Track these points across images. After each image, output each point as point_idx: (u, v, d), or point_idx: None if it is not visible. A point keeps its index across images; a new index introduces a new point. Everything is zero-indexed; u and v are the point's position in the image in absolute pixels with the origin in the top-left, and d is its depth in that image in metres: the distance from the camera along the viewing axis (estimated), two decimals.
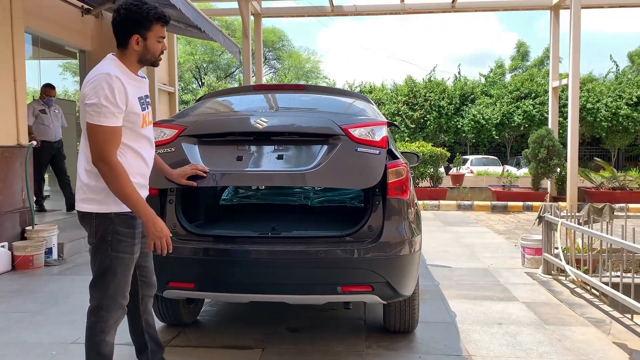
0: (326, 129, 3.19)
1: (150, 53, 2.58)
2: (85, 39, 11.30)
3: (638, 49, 38.13)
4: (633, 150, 24.91)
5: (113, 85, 2.39)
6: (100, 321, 2.56)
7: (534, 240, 6.07)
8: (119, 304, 2.59)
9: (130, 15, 2.49)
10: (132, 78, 2.55)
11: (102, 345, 2.57)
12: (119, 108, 2.41)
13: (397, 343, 3.65)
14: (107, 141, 2.40)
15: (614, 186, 13.16)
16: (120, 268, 2.54)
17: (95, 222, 2.52)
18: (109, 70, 2.45)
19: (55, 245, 6.31)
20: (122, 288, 2.58)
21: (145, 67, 2.69)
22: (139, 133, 2.57)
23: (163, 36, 2.61)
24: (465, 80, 25.65)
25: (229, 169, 3.19)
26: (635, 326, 4.02)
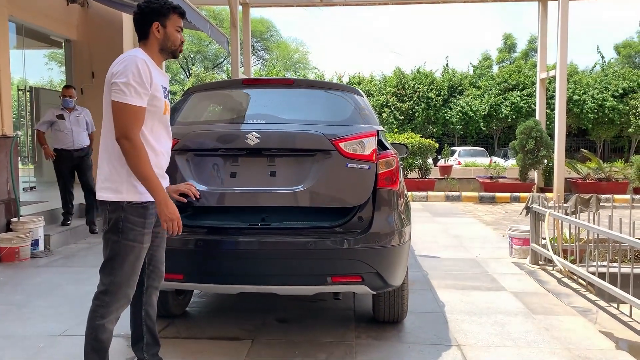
0: (317, 143, 3.19)
1: (170, 41, 2.69)
2: (71, 28, 11.14)
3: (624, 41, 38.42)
4: (618, 141, 25.16)
5: (140, 67, 2.50)
6: (102, 305, 2.59)
7: (521, 230, 6.11)
8: (124, 292, 2.61)
9: (150, 6, 2.65)
10: (153, 67, 2.65)
11: (101, 331, 2.59)
12: (145, 89, 2.51)
13: (386, 333, 3.66)
14: (133, 120, 2.49)
15: (600, 177, 13.30)
16: (129, 256, 2.59)
17: (109, 210, 2.58)
18: (137, 54, 2.57)
19: (41, 237, 6.24)
20: (129, 276, 2.61)
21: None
22: (160, 120, 2.66)
23: (181, 26, 2.73)
24: (453, 72, 25.69)
25: (222, 187, 3.23)
26: (621, 315, 4.07)
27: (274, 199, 3.20)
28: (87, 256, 6.14)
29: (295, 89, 3.94)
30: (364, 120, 3.55)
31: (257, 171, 3.26)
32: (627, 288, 3.94)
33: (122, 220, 2.56)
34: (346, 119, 3.60)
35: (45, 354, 3.33)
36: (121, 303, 2.63)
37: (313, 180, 3.17)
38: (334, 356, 3.27)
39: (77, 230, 7.07)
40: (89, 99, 11.58)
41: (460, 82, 24.46)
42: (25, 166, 12.12)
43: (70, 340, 3.54)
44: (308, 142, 3.23)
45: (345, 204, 3.20)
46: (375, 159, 3.21)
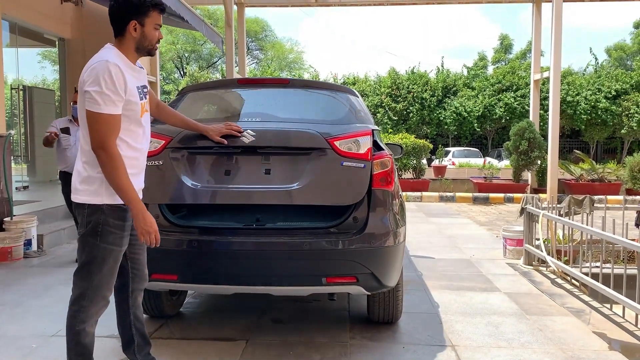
0: (312, 141, 3.18)
1: (147, 40, 2.57)
2: (65, 27, 11.10)
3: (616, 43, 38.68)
4: (611, 142, 25.30)
5: (112, 73, 2.39)
6: (81, 311, 2.55)
7: (515, 231, 6.13)
8: (102, 295, 2.57)
9: (128, 1, 2.50)
10: (130, 67, 2.54)
11: (82, 335, 2.56)
12: (119, 96, 2.42)
13: (381, 334, 3.67)
14: (108, 129, 2.40)
15: (593, 178, 13.36)
16: (107, 259, 2.54)
17: (87, 212, 2.51)
18: (108, 57, 2.44)
19: (34, 237, 6.21)
20: (107, 279, 2.57)
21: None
22: (137, 122, 2.57)
23: (160, 24, 2.61)
24: (447, 73, 25.76)
25: (218, 185, 3.21)
26: (614, 315, 4.09)
27: (268, 197, 3.19)
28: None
29: (290, 89, 3.93)
30: (359, 120, 3.55)
31: (252, 169, 3.25)
32: (620, 289, 3.96)
33: (102, 223, 2.50)
34: (341, 119, 3.61)
35: (39, 354, 3.32)
36: (100, 306, 2.58)
37: (308, 179, 3.16)
38: (329, 357, 3.27)
39: (71, 230, 7.04)
40: None
41: (455, 82, 24.52)
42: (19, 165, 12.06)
43: (63, 340, 3.49)
44: (303, 141, 3.22)
45: (340, 202, 3.19)
46: (371, 157, 3.21)
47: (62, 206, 7.61)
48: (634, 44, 37.43)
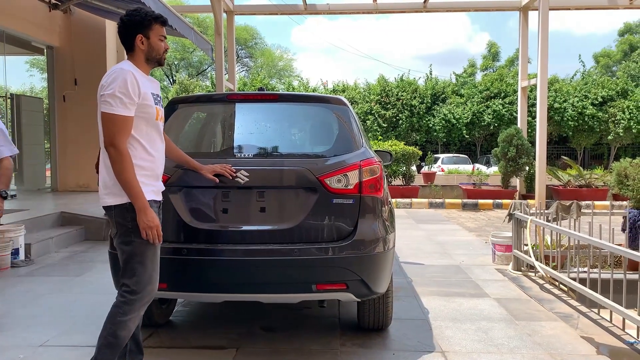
0: (303, 180, 3.25)
1: (154, 50, 2.79)
2: (53, 35, 11.05)
3: (603, 50, 39.15)
4: (598, 149, 25.55)
5: (127, 79, 2.60)
6: (127, 303, 2.66)
7: (504, 237, 6.17)
8: (149, 289, 2.69)
9: (132, 20, 2.75)
10: (144, 77, 2.77)
11: (121, 327, 2.64)
12: (131, 99, 2.60)
13: (371, 340, 3.67)
14: (119, 129, 2.59)
15: (580, 184, 13.48)
16: (146, 252, 2.66)
17: (115, 213, 2.67)
18: (123, 66, 2.68)
19: (22, 246, 6.15)
20: (150, 273, 2.69)
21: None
22: (153, 125, 2.75)
23: (164, 35, 2.82)
24: (436, 80, 25.93)
25: (216, 225, 3.28)
26: (602, 320, 4.13)
27: (264, 237, 3.24)
28: (68, 265, 6.06)
29: (279, 104, 3.92)
30: (349, 142, 3.53)
31: (247, 207, 3.32)
32: (607, 293, 4.00)
33: (131, 220, 2.63)
34: (332, 144, 3.62)
35: None
36: (145, 301, 2.69)
37: (301, 219, 3.22)
38: None
39: (59, 238, 6.98)
40: (72, 106, 11.49)
41: (443, 90, 24.68)
42: None
43: (51, 351, 3.49)
44: (294, 179, 3.29)
45: (331, 238, 3.23)
46: (358, 191, 3.25)
47: (50, 215, 7.56)
48: (619, 51, 37.96)
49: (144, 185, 2.67)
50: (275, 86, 29.14)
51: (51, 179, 12.03)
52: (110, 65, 11.53)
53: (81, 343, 3.61)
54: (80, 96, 11.36)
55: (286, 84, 29.43)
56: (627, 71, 30.33)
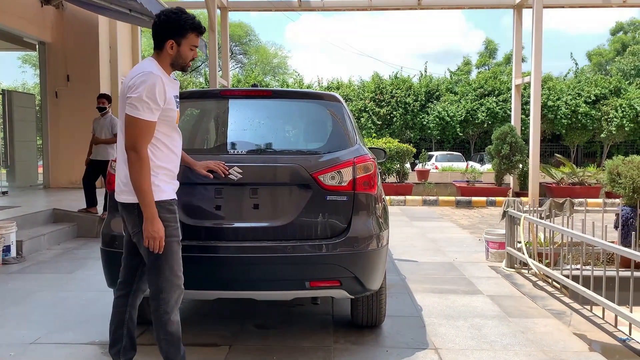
0: (296, 177, 3.23)
1: (182, 58, 2.76)
2: (45, 30, 10.97)
3: (596, 48, 39.32)
4: (591, 146, 25.69)
5: (155, 84, 2.58)
6: (162, 304, 2.70)
7: (497, 234, 6.19)
8: (176, 284, 2.73)
9: (169, 22, 2.69)
10: (168, 79, 2.73)
11: (169, 325, 2.72)
12: (157, 105, 2.60)
13: (365, 337, 3.67)
14: (141, 133, 2.59)
15: (573, 181, 13.53)
16: (170, 251, 2.69)
17: (138, 212, 2.65)
18: (152, 69, 2.63)
19: (13, 243, 6.10)
20: (175, 269, 2.72)
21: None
22: (174, 128, 2.78)
23: (196, 45, 2.79)
24: (430, 78, 25.96)
25: (209, 221, 3.27)
26: (594, 317, 4.14)
27: (258, 234, 3.23)
28: (60, 262, 6.02)
29: (273, 100, 3.90)
30: (342, 139, 3.52)
31: (241, 204, 3.30)
32: (599, 290, 4.01)
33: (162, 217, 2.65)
34: (326, 141, 3.61)
35: None
36: (177, 294, 2.74)
37: (295, 216, 3.20)
38: None
39: (51, 235, 6.94)
40: (64, 102, 11.42)
41: (438, 87, 24.71)
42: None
43: (42, 348, 3.46)
44: (288, 176, 3.27)
45: (324, 235, 3.22)
46: (352, 188, 3.24)
47: (42, 211, 7.51)
48: (611, 50, 38.14)
49: (167, 185, 2.71)
50: (270, 83, 29.08)
51: (43, 176, 11.97)
52: (103, 61, 11.47)
53: (73, 340, 3.58)
54: (72, 92, 11.29)
55: (280, 81, 29.37)
56: (620, 67, 30.50)
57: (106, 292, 4.17)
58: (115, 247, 3.24)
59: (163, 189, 2.68)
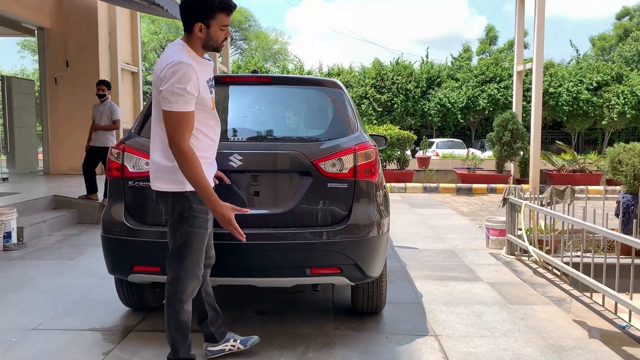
0: (297, 164, 3.21)
1: (212, 40, 2.67)
2: (44, 16, 10.89)
3: (600, 34, 38.99)
4: (592, 133, 25.62)
5: (187, 74, 2.51)
6: (178, 292, 2.73)
7: (498, 221, 6.19)
8: (195, 275, 2.75)
9: (195, 3, 2.59)
10: (200, 62, 2.66)
11: (181, 313, 2.75)
12: (190, 94, 2.54)
13: (365, 324, 3.68)
14: (179, 126, 2.53)
15: (574, 169, 13.53)
16: (195, 242, 2.71)
17: (172, 200, 2.68)
18: (181, 58, 2.54)
19: (14, 229, 6.11)
20: (197, 260, 2.75)
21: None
22: (210, 114, 2.74)
23: (227, 24, 2.69)
24: (431, 64, 25.82)
25: None
26: (594, 304, 4.15)
27: (258, 222, 3.21)
28: (61, 248, 6.03)
29: (273, 87, 3.86)
30: (343, 126, 3.49)
31: (241, 191, 3.28)
32: (600, 278, 4.02)
33: (187, 209, 2.67)
34: (326, 128, 3.58)
35: (19, 348, 3.27)
36: (194, 285, 2.77)
37: (296, 203, 3.19)
38: (313, 348, 3.27)
39: (52, 222, 6.95)
40: (63, 88, 11.37)
41: (439, 74, 24.59)
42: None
43: (44, 334, 3.48)
44: (288, 163, 3.25)
45: (325, 222, 3.21)
46: (353, 176, 3.22)
47: (43, 198, 7.51)
48: (615, 35, 37.82)
49: (206, 173, 2.64)
50: (270, 69, 28.93)
51: (43, 162, 11.95)
52: (102, 47, 11.40)
53: (74, 326, 3.60)
54: (71, 78, 11.24)
55: (281, 67, 29.23)
56: (621, 54, 30.30)
57: (107, 279, 4.19)
58: (116, 233, 3.24)
59: None
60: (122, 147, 3.27)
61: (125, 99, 12.44)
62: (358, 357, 3.16)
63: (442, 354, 3.22)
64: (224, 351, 3.04)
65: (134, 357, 3.12)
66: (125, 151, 3.25)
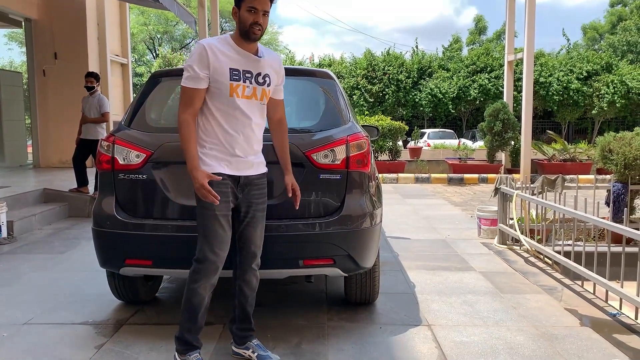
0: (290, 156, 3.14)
1: (242, 23, 2.68)
2: (31, 7, 10.75)
3: (591, 22, 39.01)
4: (582, 123, 25.72)
5: (197, 51, 2.66)
6: (195, 271, 2.77)
7: (489, 211, 6.21)
8: (209, 258, 2.74)
9: None
10: (232, 49, 2.71)
11: (192, 294, 2.78)
12: (196, 72, 2.65)
13: (359, 314, 3.69)
14: (184, 99, 2.69)
15: (565, 158, 13.60)
16: (207, 222, 2.73)
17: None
18: (205, 40, 2.72)
19: (4, 223, 6.06)
20: (210, 243, 2.73)
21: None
22: (228, 102, 2.71)
23: (253, 6, 2.65)
24: (423, 54, 25.77)
25: None
26: (585, 292, 4.18)
27: None
28: (52, 242, 5.99)
29: None
30: (335, 117, 3.47)
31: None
32: (591, 266, 4.05)
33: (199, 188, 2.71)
34: (318, 119, 3.56)
35: (10, 343, 3.25)
36: (209, 270, 2.76)
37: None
38: (306, 339, 3.28)
39: (42, 215, 6.89)
40: (52, 80, 11.25)
41: (430, 64, 24.55)
42: None
43: (36, 328, 3.45)
44: None
45: (318, 213, 3.20)
46: (346, 167, 3.21)
47: (33, 191, 7.45)
48: (607, 23, 37.84)
49: (213, 159, 2.71)
50: None
51: (33, 155, 11.86)
52: (91, 39, 11.28)
53: (65, 320, 3.58)
54: (60, 70, 11.12)
55: None
56: (610, 44, 30.40)
57: (99, 272, 4.16)
58: (107, 227, 3.22)
59: (206, 162, 2.71)
60: (112, 140, 3.24)
61: (115, 91, 12.34)
62: (352, 347, 3.17)
63: (435, 343, 3.23)
64: (243, 356, 3.00)
65: (127, 351, 3.11)
66: (116, 143, 3.22)
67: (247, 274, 2.95)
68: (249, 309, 3.01)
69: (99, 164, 3.29)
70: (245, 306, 3.00)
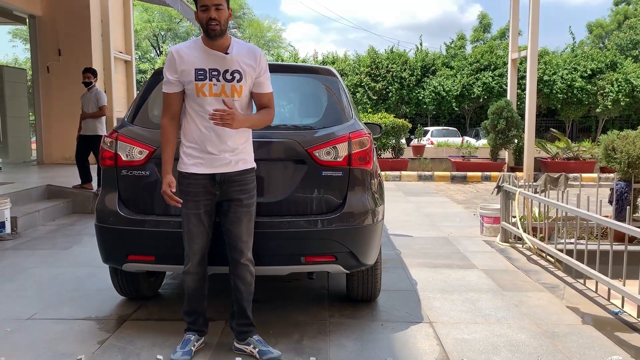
0: (292, 153, 3.20)
1: (200, 24, 2.78)
2: (35, 4, 10.78)
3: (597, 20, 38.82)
4: (586, 121, 25.67)
5: (168, 59, 2.82)
6: (185, 262, 2.99)
7: (492, 209, 6.20)
8: (187, 253, 2.95)
9: None
10: (199, 50, 2.80)
11: (185, 279, 3.02)
12: (167, 78, 2.82)
13: (360, 311, 3.69)
14: (163, 104, 2.89)
15: (568, 156, 13.56)
16: (183, 220, 2.92)
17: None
18: (174, 46, 2.86)
19: (8, 219, 6.08)
20: (187, 239, 2.93)
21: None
22: (196, 102, 2.82)
23: (204, 4, 2.73)
24: (426, 52, 25.73)
25: None
26: (588, 290, 4.18)
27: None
28: (55, 238, 6.01)
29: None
30: (338, 114, 3.48)
31: None
32: (593, 264, 4.04)
33: (177, 188, 2.87)
34: (321, 116, 3.56)
35: (13, 338, 3.26)
36: (189, 263, 2.97)
37: (290, 191, 3.18)
38: (308, 335, 3.29)
39: (46, 212, 6.92)
40: (56, 77, 11.28)
41: (433, 62, 24.50)
42: None
43: (39, 324, 3.47)
44: (283, 151, 3.24)
45: (320, 210, 3.20)
46: (348, 164, 3.21)
47: (37, 187, 7.48)
48: (612, 22, 37.67)
49: (188, 157, 2.84)
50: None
51: (37, 152, 11.89)
52: (94, 35, 11.30)
53: (68, 316, 3.59)
54: (64, 67, 11.14)
55: (275, 55, 29.08)
56: (617, 42, 30.27)
57: (101, 268, 4.18)
58: (110, 223, 3.23)
59: (184, 161, 2.86)
60: (115, 136, 3.25)
61: (118, 88, 12.35)
62: (353, 344, 3.17)
63: (437, 340, 3.24)
64: (244, 352, 3.02)
65: (129, 346, 3.13)
66: (119, 140, 3.23)
67: (239, 269, 2.99)
68: (245, 304, 3.03)
69: (102, 160, 3.30)
70: (241, 301, 3.02)
